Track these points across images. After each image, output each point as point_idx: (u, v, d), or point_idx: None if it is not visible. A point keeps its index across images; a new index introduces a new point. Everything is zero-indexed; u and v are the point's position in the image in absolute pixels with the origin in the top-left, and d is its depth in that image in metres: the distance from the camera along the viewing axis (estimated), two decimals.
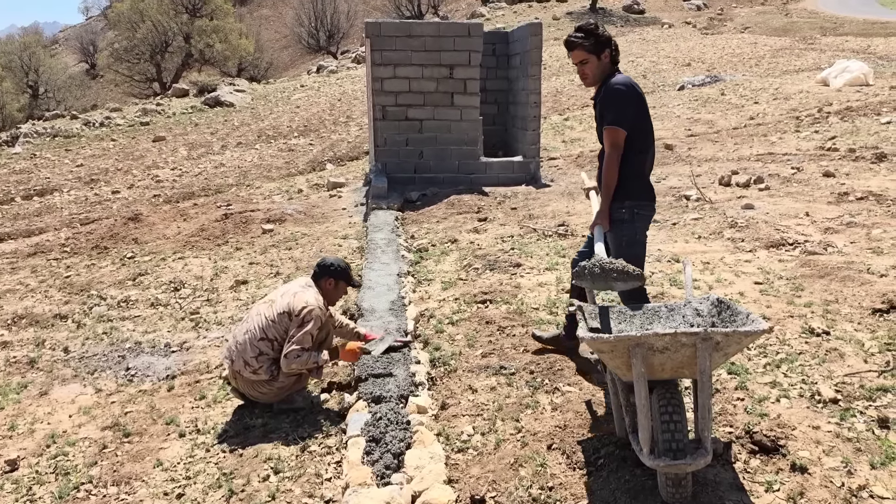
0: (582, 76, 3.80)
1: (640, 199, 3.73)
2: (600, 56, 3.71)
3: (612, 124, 3.63)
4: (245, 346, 3.99)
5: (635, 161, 3.70)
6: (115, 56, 44.07)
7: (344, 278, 4.19)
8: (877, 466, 2.94)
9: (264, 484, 3.39)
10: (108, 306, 6.32)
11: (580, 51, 3.70)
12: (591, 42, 3.68)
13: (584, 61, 3.72)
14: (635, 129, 3.67)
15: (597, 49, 3.69)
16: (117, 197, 12.99)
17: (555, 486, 3.00)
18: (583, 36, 3.69)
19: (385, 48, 9.91)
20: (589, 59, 3.71)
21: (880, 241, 5.97)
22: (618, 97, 3.65)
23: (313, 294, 4.07)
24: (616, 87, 3.67)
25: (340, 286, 4.21)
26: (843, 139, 10.60)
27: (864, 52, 23.05)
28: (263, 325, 3.99)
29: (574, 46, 3.71)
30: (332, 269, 4.15)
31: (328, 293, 4.17)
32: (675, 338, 2.61)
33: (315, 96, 26.23)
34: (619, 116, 3.63)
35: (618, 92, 3.66)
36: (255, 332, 3.99)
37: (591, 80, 3.79)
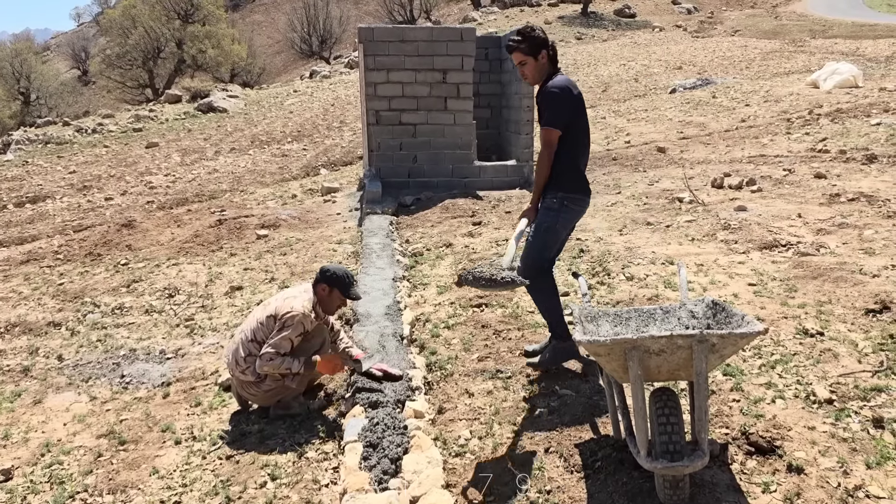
0: (523, 76, 4.02)
1: (572, 192, 3.97)
2: (537, 57, 3.92)
3: (546, 125, 3.88)
4: (238, 346, 4.06)
5: (570, 156, 3.94)
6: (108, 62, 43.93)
7: (338, 286, 4.06)
8: (872, 466, 2.95)
9: (261, 491, 3.39)
10: (102, 313, 6.30)
11: (518, 53, 3.93)
12: (526, 45, 3.91)
13: (522, 63, 3.95)
14: (570, 128, 3.90)
15: (533, 51, 3.90)
16: (110, 203, 12.94)
17: (552, 489, 3.00)
18: (519, 39, 3.92)
19: (378, 53, 9.92)
20: (527, 61, 3.93)
21: (872, 242, 6.00)
22: (552, 99, 3.88)
23: (304, 300, 4.03)
24: (551, 89, 3.89)
25: (334, 294, 4.08)
26: (834, 141, 10.66)
27: (853, 54, 23.20)
28: (254, 327, 4.04)
29: (511, 50, 3.94)
30: (328, 276, 4.07)
31: (323, 300, 4.10)
32: (671, 340, 2.63)
33: (308, 101, 26.22)
34: (552, 117, 3.87)
35: (552, 94, 3.88)
36: (247, 333, 4.05)
37: (531, 79, 4.01)
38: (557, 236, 4.07)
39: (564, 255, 6.52)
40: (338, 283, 4.06)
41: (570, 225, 4.10)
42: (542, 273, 4.04)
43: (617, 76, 23.95)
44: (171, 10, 43.42)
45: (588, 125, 4.08)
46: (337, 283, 4.06)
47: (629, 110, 17.14)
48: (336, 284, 4.06)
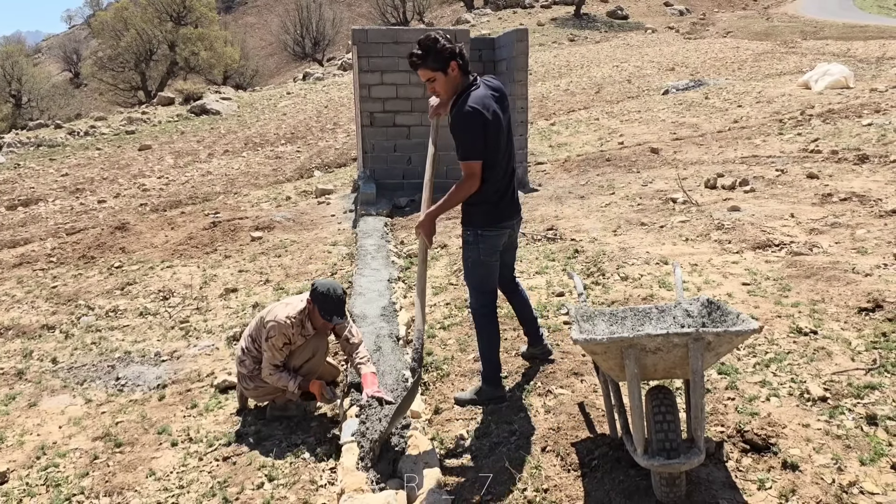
0: (434, 93, 3.58)
1: (484, 227, 3.67)
2: (447, 71, 3.44)
3: (466, 159, 3.45)
4: (242, 338, 4.18)
5: (483, 189, 3.56)
6: (99, 65, 43.82)
7: (317, 303, 3.88)
8: (866, 463, 2.98)
9: (258, 492, 3.39)
10: (96, 316, 6.28)
11: (424, 70, 3.45)
12: (431, 59, 3.42)
13: (431, 79, 3.48)
14: (487, 156, 3.50)
15: (441, 64, 3.42)
16: (103, 206, 12.90)
17: (550, 488, 3.02)
18: (421, 54, 3.42)
19: (372, 55, 9.93)
20: (436, 77, 3.46)
21: (864, 241, 6.04)
22: (468, 126, 3.41)
23: (291, 310, 3.97)
24: (467, 112, 3.40)
25: (315, 312, 3.93)
26: (826, 141, 10.72)
27: (844, 55, 23.33)
28: (252, 326, 4.13)
29: (416, 67, 3.46)
30: (313, 291, 3.92)
31: (311, 313, 3.98)
32: (667, 338, 2.64)
33: (302, 103, 26.21)
34: (471, 149, 3.44)
35: (469, 119, 3.40)
36: (249, 329, 4.17)
37: (443, 96, 3.55)
38: (489, 266, 3.77)
39: (559, 255, 6.55)
40: (318, 300, 3.89)
41: (496, 250, 3.76)
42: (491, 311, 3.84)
43: (610, 78, 24.03)
44: (163, 12, 43.34)
45: (510, 146, 3.67)
46: (318, 300, 3.90)
47: (622, 111, 17.20)
48: (316, 302, 3.90)
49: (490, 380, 3.88)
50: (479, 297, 3.83)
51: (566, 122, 17.22)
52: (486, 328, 3.85)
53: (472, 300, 3.86)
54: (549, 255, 6.59)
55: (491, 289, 3.86)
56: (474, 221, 3.70)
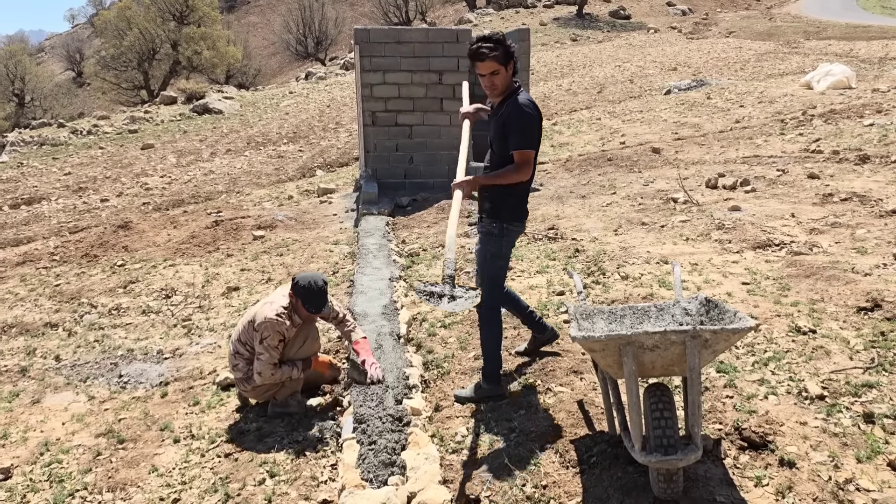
0: (491, 87, 3.69)
1: (512, 221, 3.83)
2: (507, 67, 3.63)
3: (524, 148, 3.64)
4: (230, 343, 4.21)
5: (519, 184, 3.75)
6: (102, 64, 43.86)
7: (300, 296, 3.96)
8: (863, 460, 3.00)
9: (260, 488, 3.41)
10: (99, 314, 6.32)
11: (491, 62, 3.59)
12: (501, 52, 3.59)
13: (495, 72, 3.62)
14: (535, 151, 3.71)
15: (506, 60, 3.61)
16: (106, 205, 12.95)
17: (548, 484, 3.04)
18: (493, 46, 3.58)
19: (374, 54, 9.96)
20: (499, 70, 3.62)
21: (864, 241, 6.05)
22: (528, 121, 3.64)
23: (278, 306, 4.01)
24: (526, 109, 3.63)
25: (299, 304, 4.00)
26: (827, 141, 10.73)
27: (846, 55, 23.32)
28: (240, 329, 4.14)
29: (484, 57, 3.58)
30: (294, 285, 3.99)
31: (295, 307, 4.04)
32: (664, 336, 2.67)
33: (304, 103, 26.24)
34: (528, 140, 3.65)
35: (527, 115, 3.63)
36: (235, 334, 4.18)
37: (500, 90, 3.70)
38: (506, 260, 3.95)
39: (560, 254, 6.57)
40: (300, 294, 3.96)
41: (512, 245, 3.95)
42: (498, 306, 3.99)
43: (612, 77, 24.03)
44: (165, 11, 43.37)
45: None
46: (300, 293, 3.96)
47: (624, 111, 17.21)
48: (300, 296, 3.97)
49: (490, 377, 3.96)
50: (492, 290, 3.89)
51: (568, 121, 17.24)
52: (492, 322, 3.95)
53: (484, 294, 3.81)
54: (549, 255, 6.62)
55: (502, 283, 4.01)
56: (502, 215, 3.82)
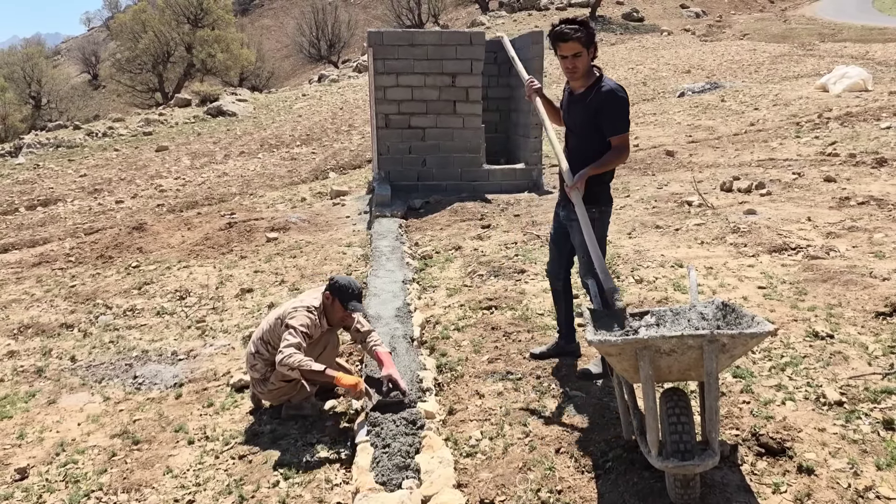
0: (572, 69, 3.70)
1: (608, 204, 3.92)
2: (589, 50, 3.66)
3: (623, 132, 3.71)
4: (251, 342, 4.15)
5: (609, 174, 3.87)
6: (118, 66, 44.24)
7: (338, 296, 3.97)
8: (882, 467, 2.96)
9: (274, 490, 3.42)
10: (113, 315, 6.35)
11: (574, 43, 3.61)
12: (584, 34, 3.61)
13: (577, 54, 3.64)
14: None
15: (589, 42, 3.64)
16: (121, 206, 13.04)
17: (563, 489, 3.02)
18: (577, 27, 3.61)
19: (387, 57, 9.97)
20: (582, 52, 3.64)
21: (882, 246, 5.99)
22: (623, 105, 3.69)
23: (308, 304, 4.03)
24: (619, 94, 3.68)
25: (336, 304, 4.01)
26: (844, 144, 10.64)
27: (862, 57, 23.12)
28: (265, 328, 4.10)
29: (568, 38, 3.60)
30: (332, 284, 4.01)
31: (327, 308, 4.06)
32: (681, 340, 2.64)
33: (317, 105, 26.34)
34: (626, 124, 3.73)
35: (621, 100, 3.68)
36: (259, 332, 4.13)
37: (580, 73, 3.72)
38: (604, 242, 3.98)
39: None
40: (339, 293, 3.98)
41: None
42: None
43: (625, 80, 23.95)
44: (180, 14, 43.68)
45: None
46: (338, 292, 3.98)
47: (638, 114, 17.14)
48: (337, 294, 3.98)
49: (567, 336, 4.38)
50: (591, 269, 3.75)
51: None
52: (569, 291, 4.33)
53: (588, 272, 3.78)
54: None
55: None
56: (603, 198, 3.88)
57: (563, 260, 4.25)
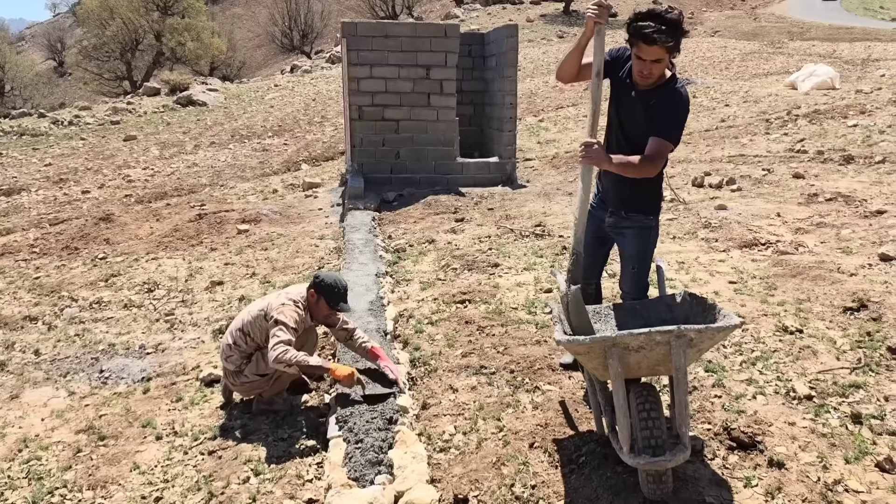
0: (647, 75, 3.17)
1: (659, 213, 3.55)
2: (673, 55, 3.12)
3: (668, 138, 3.18)
4: (228, 332, 4.06)
5: (663, 175, 3.44)
6: (84, 54, 43.32)
7: (324, 294, 3.87)
8: (851, 461, 3.00)
9: (244, 486, 3.36)
10: (79, 308, 6.21)
11: (659, 49, 3.03)
12: (678, 40, 3.04)
13: (659, 60, 3.09)
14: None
15: (675, 49, 3.07)
16: (87, 197, 12.76)
17: (537, 484, 3.02)
18: (667, 29, 2.99)
19: (361, 48, 9.88)
20: (664, 59, 3.10)
21: (849, 241, 6.09)
22: (684, 114, 3.20)
23: (293, 298, 3.97)
24: (686, 99, 3.20)
25: (321, 303, 3.93)
26: (812, 141, 10.80)
27: (830, 56, 23.49)
28: (244, 317, 4.02)
29: (653, 42, 3.00)
30: (317, 283, 3.92)
31: (311, 306, 3.98)
32: (650, 337, 2.64)
33: (289, 96, 26.06)
34: (678, 134, 3.22)
35: (686, 106, 3.19)
36: (237, 322, 4.04)
37: (653, 80, 3.19)
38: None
39: (547, 251, 6.56)
40: (325, 291, 3.90)
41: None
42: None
43: None
44: (149, 1, 42.87)
45: None
46: (324, 291, 3.90)
47: None
48: (322, 293, 3.90)
49: None
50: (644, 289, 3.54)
51: (555, 118, 17.25)
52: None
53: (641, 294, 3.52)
54: (537, 252, 6.60)
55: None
56: (656, 207, 3.49)
57: (598, 267, 3.82)
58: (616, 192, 3.46)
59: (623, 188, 3.40)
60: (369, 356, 4.05)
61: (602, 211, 3.59)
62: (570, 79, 3.48)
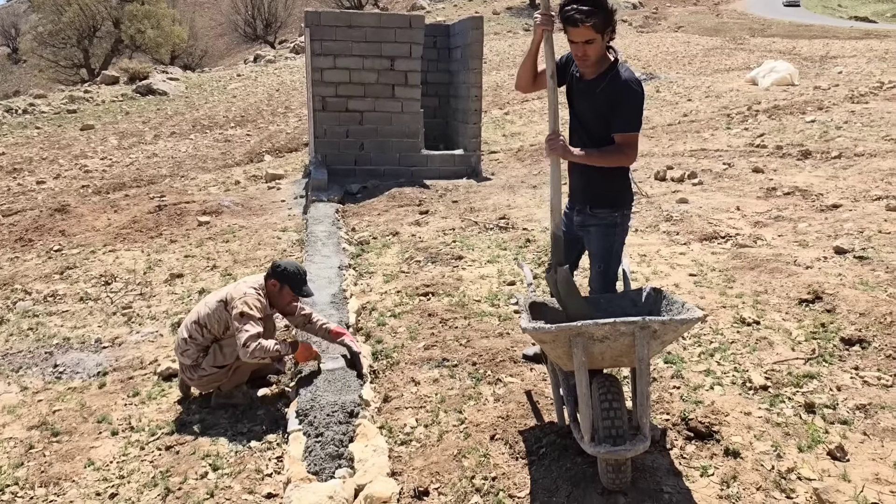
0: (583, 57, 3.17)
1: (628, 207, 3.48)
2: (604, 34, 3.12)
3: (633, 130, 3.21)
4: (183, 326, 4.01)
5: (627, 168, 3.41)
6: (39, 40, 42.03)
7: (288, 283, 3.92)
8: (804, 450, 3.06)
9: (202, 481, 3.31)
10: (33, 301, 6.05)
11: (586, 29, 3.04)
12: (601, 17, 3.04)
13: (590, 41, 3.09)
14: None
15: (605, 26, 3.08)
16: (42, 187, 12.43)
17: (498, 475, 3.02)
18: (589, 10, 3.02)
19: (325, 38, 9.77)
20: (595, 39, 3.09)
21: (806, 235, 6.22)
22: (638, 101, 3.20)
23: (252, 286, 3.96)
24: (635, 87, 3.18)
25: (284, 291, 3.95)
26: (771, 136, 10.99)
27: (789, 53, 23.96)
28: (201, 310, 3.98)
29: (578, 23, 3.03)
30: (279, 271, 3.93)
31: (272, 295, 3.98)
32: (614, 327, 2.66)
33: (252, 86, 25.69)
34: (639, 121, 3.24)
35: (638, 95, 3.19)
36: (193, 315, 4.00)
37: (591, 61, 3.19)
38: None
39: (511, 244, 6.57)
40: (289, 279, 3.93)
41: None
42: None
43: None
44: None
45: None
46: (288, 279, 3.92)
47: None
48: (287, 281, 3.92)
49: None
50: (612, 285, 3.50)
51: (520, 111, 17.30)
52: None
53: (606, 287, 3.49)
54: (500, 244, 6.61)
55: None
56: (623, 201, 3.43)
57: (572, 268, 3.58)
58: (582, 187, 3.46)
59: (588, 183, 3.40)
60: (331, 336, 4.09)
61: (570, 210, 3.61)
62: (529, 88, 3.58)
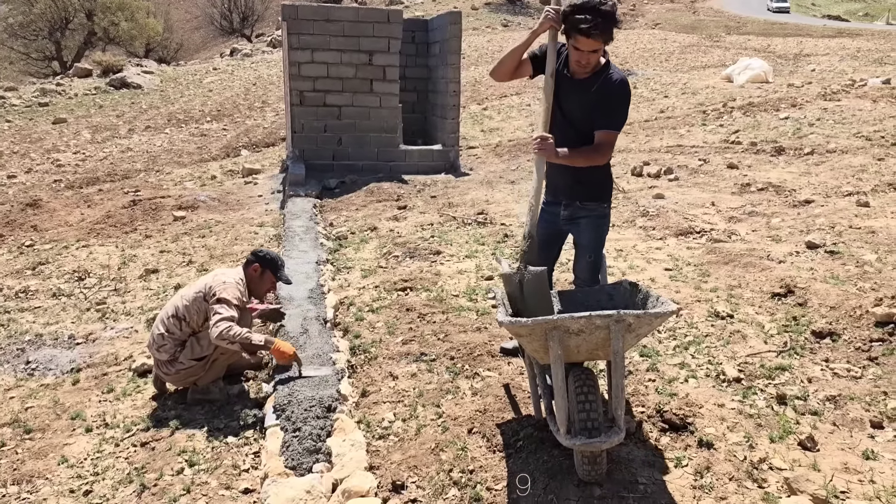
0: (584, 65, 3.24)
1: (610, 199, 3.60)
2: (607, 43, 3.20)
3: (615, 129, 3.31)
4: (158, 321, 3.98)
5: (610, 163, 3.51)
6: (10, 32, 41.20)
7: (270, 267, 4.09)
8: (776, 440, 3.12)
9: (178, 477, 3.28)
10: (4, 297, 5.96)
11: (595, 40, 3.11)
12: (610, 29, 3.10)
13: (596, 50, 3.17)
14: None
15: (610, 39, 3.16)
16: (13, 182, 12.22)
17: (475, 469, 3.04)
18: (601, 21, 3.05)
19: (302, 32, 9.71)
20: (600, 49, 3.18)
21: (779, 230, 6.31)
22: (626, 102, 3.30)
23: (232, 277, 3.98)
24: (626, 89, 3.28)
25: (266, 276, 4.10)
26: (746, 133, 11.13)
27: (764, 50, 24.25)
28: (178, 303, 3.96)
29: (589, 35, 3.07)
30: (260, 256, 4.09)
31: (253, 281, 4.08)
32: (590, 320, 2.68)
33: (229, 80, 25.44)
34: (622, 121, 3.34)
35: (627, 95, 3.28)
36: (169, 309, 3.97)
37: (590, 69, 3.27)
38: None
39: (489, 239, 6.59)
40: (270, 264, 4.09)
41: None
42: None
43: None
44: None
45: None
46: (269, 264, 4.09)
47: None
48: (268, 266, 4.09)
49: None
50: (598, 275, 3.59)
51: (498, 107, 17.33)
52: None
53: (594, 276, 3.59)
54: (478, 239, 6.62)
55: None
56: (607, 194, 3.55)
57: (552, 262, 3.79)
58: (567, 182, 3.48)
59: (577, 179, 3.43)
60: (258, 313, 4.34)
61: (555, 206, 3.60)
62: (506, 77, 3.60)
